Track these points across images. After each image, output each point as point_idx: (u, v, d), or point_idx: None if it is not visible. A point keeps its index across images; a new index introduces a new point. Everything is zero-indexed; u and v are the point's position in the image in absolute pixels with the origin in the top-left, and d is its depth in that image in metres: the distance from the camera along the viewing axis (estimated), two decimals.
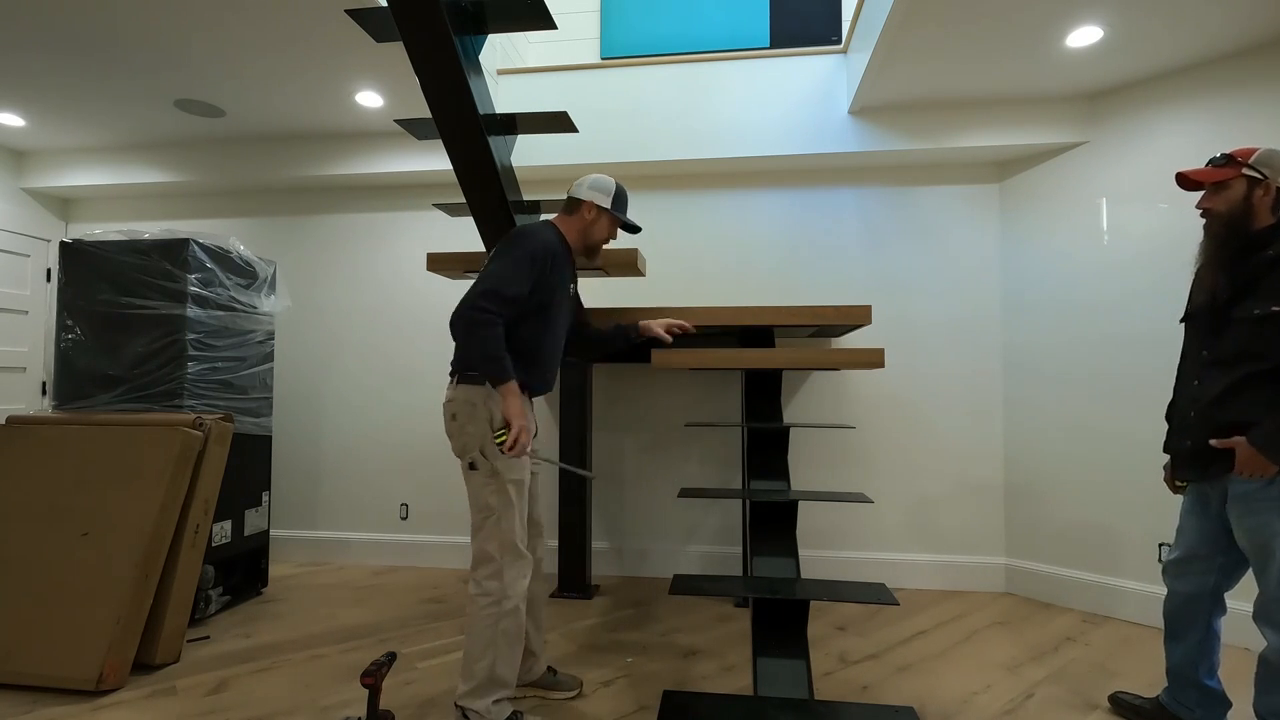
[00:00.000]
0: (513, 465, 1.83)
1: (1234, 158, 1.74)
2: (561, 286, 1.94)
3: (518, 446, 1.76)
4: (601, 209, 2.01)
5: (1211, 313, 1.77)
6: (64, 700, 2.09)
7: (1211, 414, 1.73)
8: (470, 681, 1.78)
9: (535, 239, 1.87)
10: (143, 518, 2.32)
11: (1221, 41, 2.57)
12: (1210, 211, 1.77)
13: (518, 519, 1.84)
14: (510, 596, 1.80)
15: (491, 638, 1.78)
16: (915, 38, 2.60)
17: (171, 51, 2.79)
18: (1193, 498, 1.88)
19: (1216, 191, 1.76)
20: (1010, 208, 3.34)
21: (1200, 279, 1.82)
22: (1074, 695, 2.17)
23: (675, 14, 4.04)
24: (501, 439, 1.78)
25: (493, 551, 1.81)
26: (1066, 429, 3.07)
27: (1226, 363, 1.71)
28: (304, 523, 3.81)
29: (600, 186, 2.01)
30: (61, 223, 4.18)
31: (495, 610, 1.78)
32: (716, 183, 3.61)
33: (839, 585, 2.10)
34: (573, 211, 2.02)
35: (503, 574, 1.80)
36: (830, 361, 2.37)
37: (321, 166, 3.69)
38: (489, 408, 1.80)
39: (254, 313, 3.07)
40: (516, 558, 1.83)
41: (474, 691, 1.78)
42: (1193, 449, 1.78)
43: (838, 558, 3.39)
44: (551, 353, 1.97)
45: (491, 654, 1.78)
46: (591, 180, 2.02)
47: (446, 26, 1.86)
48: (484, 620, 1.78)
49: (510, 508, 1.82)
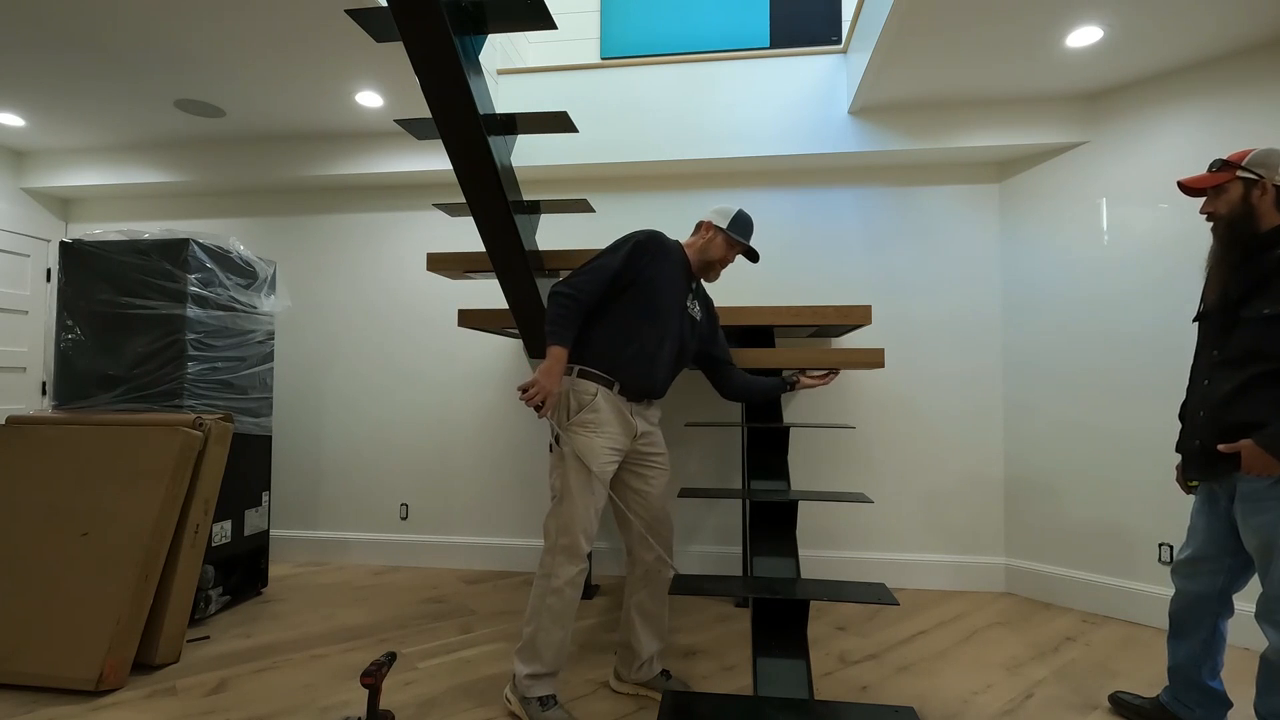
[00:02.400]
0: (584, 453, 1.89)
1: (1229, 161, 1.77)
2: (667, 287, 2.00)
3: (530, 401, 1.79)
4: (718, 228, 2.10)
5: (1222, 313, 1.78)
6: (64, 700, 2.09)
7: (1220, 414, 1.73)
8: (521, 640, 1.93)
9: (646, 233, 1.99)
10: (143, 518, 2.32)
11: (1221, 41, 2.57)
12: (1213, 215, 1.80)
13: (579, 509, 1.89)
14: (557, 576, 1.89)
15: (538, 609, 1.90)
16: (915, 38, 2.60)
17: (171, 51, 2.79)
18: (1203, 497, 1.88)
19: (1216, 195, 1.79)
20: (1010, 208, 3.34)
21: (1211, 280, 1.84)
22: (1074, 695, 2.17)
23: (675, 14, 4.04)
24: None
25: (550, 529, 1.93)
26: (1066, 429, 3.07)
27: (1236, 363, 1.72)
28: (304, 523, 3.81)
29: (722, 210, 2.13)
30: (61, 223, 4.18)
31: (545, 585, 1.90)
32: (716, 183, 3.61)
33: (839, 585, 2.10)
34: (695, 232, 2.16)
35: (554, 553, 1.91)
36: (830, 361, 2.37)
37: (321, 166, 3.69)
38: (571, 392, 1.93)
39: (254, 313, 3.07)
40: (564, 547, 1.90)
41: (521, 651, 1.92)
42: (1202, 448, 1.78)
43: (838, 558, 3.39)
44: (650, 354, 1.97)
45: (535, 623, 1.90)
46: (721, 209, 2.14)
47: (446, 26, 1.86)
48: (537, 590, 1.91)
49: (571, 494, 1.90)
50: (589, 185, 3.70)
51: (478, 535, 3.66)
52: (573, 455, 1.90)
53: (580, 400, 1.92)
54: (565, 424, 1.92)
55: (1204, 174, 1.81)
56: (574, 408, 1.92)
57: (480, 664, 2.38)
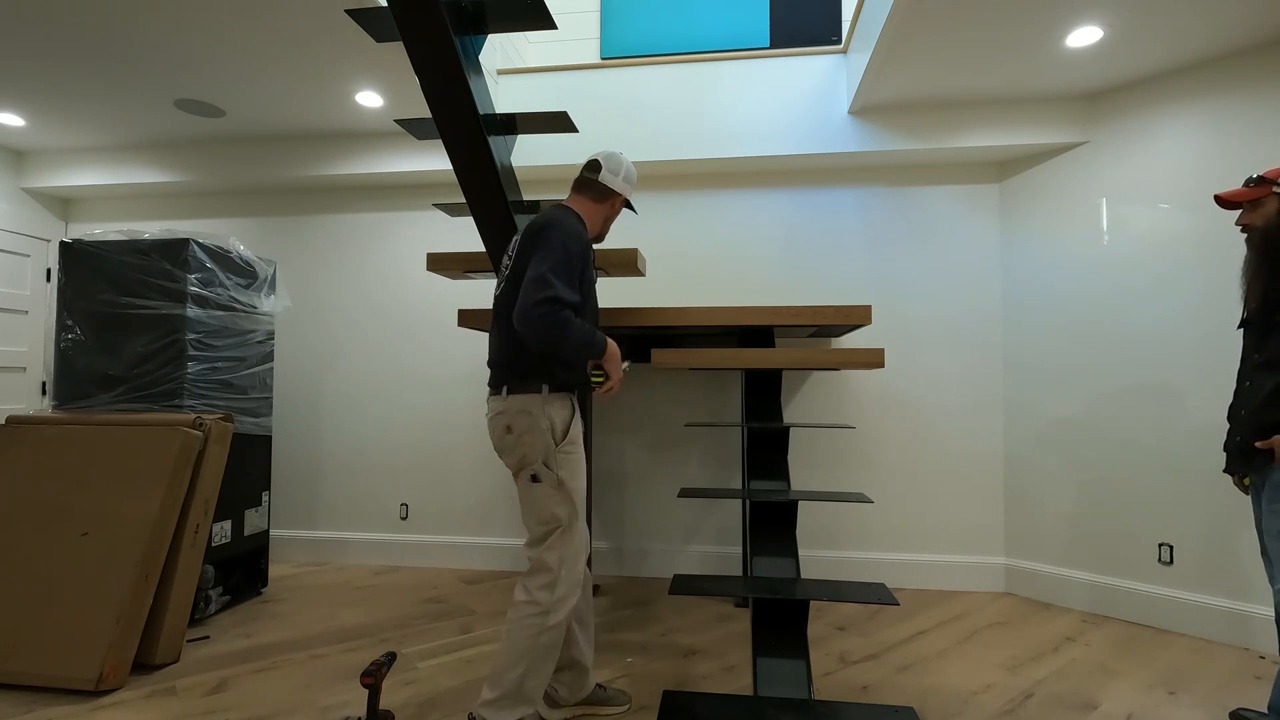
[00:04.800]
0: (577, 474, 1.79)
1: (1265, 178, 1.90)
2: (591, 279, 1.87)
3: (610, 392, 1.81)
4: (621, 197, 1.98)
5: (1262, 318, 1.89)
6: (64, 700, 2.09)
7: (1259, 413, 1.85)
8: (496, 690, 1.70)
9: (574, 238, 1.76)
10: (143, 518, 2.32)
11: (1220, 42, 2.57)
12: (1249, 227, 1.93)
13: (580, 536, 1.80)
14: (558, 611, 1.74)
15: (529, 648, 1.71)
16: (915, 38, 2.60)
17: (171, 52, 2.79)
18: (1253, 497, 1.95)
19: (1252, 209, 1.92)
20: (1010, 208, 3.34)
21: (1251, 289, 1.94)
22: (1074, 695, 2.17)
23: (675, 14, 4.04)
24: (599, 379, 1.82)
25: (552, 563, 1.75)
26: (1066, 429, 3.07)
27: (1274, 365, 1.84)
28: (304, 523, 3.81)
29: (631, 178, 1.97)
30: (61, 223, 4.18)
31: (540, 622, 1.72)
32: (716, 183, 3.61)
33: (839, 585, 2.10)
34: (601, 199, 1.95)
35: (556, 586, 1.74)
36: (830, 361, 2.37)
37: (321, 166, 3.69)
38: (548, 415, 1.75)
39: (254, 313, 3.07)
40: (575, 574, 1.78)
41: (498, 702, 1.70)
42: (1241, 444, 1.91)
43: (838, 558, 3.39)
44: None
45: (525, 664, 1.71)
46: (625, 171, 1.95)
47: (446, 26, 1.86)
48: (526, 629, 1.71)
49: (578, 519, 1.79)
50: None
51: (478, 535, 3.66)
52: (570, 477, 1.78)
53: (563, 418, 1.78)
54: (554, 451, 1.76)
55: (1241, 189, 1.95)
56: (559, 430, 1.76)
57: (480, 664, 2.38)
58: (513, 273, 1.80)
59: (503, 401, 1.78)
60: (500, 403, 1.78)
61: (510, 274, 1.81)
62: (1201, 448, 2.68)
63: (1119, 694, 2.17)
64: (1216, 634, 2.61)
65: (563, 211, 1.84)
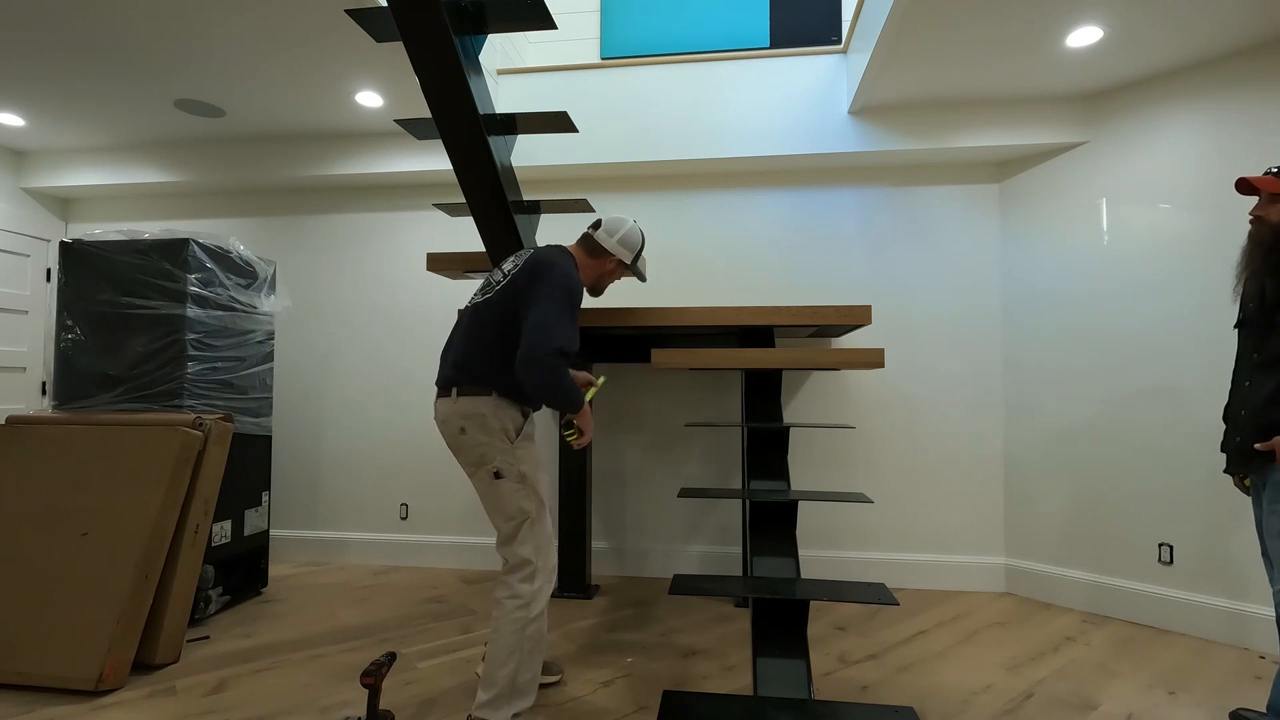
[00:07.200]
0: (537, 467, 1.87)
1: None
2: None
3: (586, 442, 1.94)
4: (621, 264, 2.07)
5: (1260, 318, 1.85)
6: (64, 700, 2.09)
7: (1260, 414, 1.82)
8: (490, 690, 1.73)
9: (571, 279, 1.84)
10: (143, 518, 2.32)
11: (1221, 42, 2.57)
12: (1262, 219, 1.86)
13: (547, 525, 1.87)
14: (539, 601, 1.80)
15: (517, 643, 1.75)
16: (915, 38, 2.60)
17: (171, 52, 2.79)
18: (1254, 498, 1.93)
19: (1272, 202, 1.85)
20: (1010, 208, 3.34)
21: (1248, 288, 1.91)
22: (1074, 695, 2.17)
23: (675, 14, 4.04)
24: (571, 436, 1.93)
25: (529, 555, 1.81)
26: (1066, 428, 3.07)
27: (1273, 365, 1.80)
28: (304, 523, 3.81)
29: (629, 244, 2.05)
30: (61, 223, 4.18)
31: (524, 615, 1.77)
32: (716, 183, 3.61)
33: (839, 585, 2.10)
34: (595, 256, 2.05)
35: (535, 577, 1.80)
36: (830, 361, 2.37)
37: (321, 166, 3.69)
38: (499, 417, 1.82)
39: (254, 313, 3.07)
40: (549, 561, 1.85)
41: (494, 702, 1.73)
42: (1240, 445, 1.88)
43: (838, 558, 3.39)
44: None
45: (515, 660, 1.74)
46: (624, 235, 2.05)
47: (446, 26, 1.86)
48: (512, 625, 1.76)
49: (543, 507, 1.86)
50: (589, 185, 3.70)
51: (478, 535, 3.66)
52: (533, 469, 1.86)
53: (514, 419, 1.84)
54: (509, 448, 1.82)
55: (1269, 177, 1.86)
56: (511, 430, 1.82)
57: (480, 664, 2.38)
58: (504, 290, 1.86)
59: (452, 404, 1.84)
60: (450, 405, 1.84)
61: (501, 290, 1.87)
62: (1201, 448, 2.68)
63: (1119, 694, 2.17)
64: (1216, 634, 2.61)
65: (561, 253, 1.93)
